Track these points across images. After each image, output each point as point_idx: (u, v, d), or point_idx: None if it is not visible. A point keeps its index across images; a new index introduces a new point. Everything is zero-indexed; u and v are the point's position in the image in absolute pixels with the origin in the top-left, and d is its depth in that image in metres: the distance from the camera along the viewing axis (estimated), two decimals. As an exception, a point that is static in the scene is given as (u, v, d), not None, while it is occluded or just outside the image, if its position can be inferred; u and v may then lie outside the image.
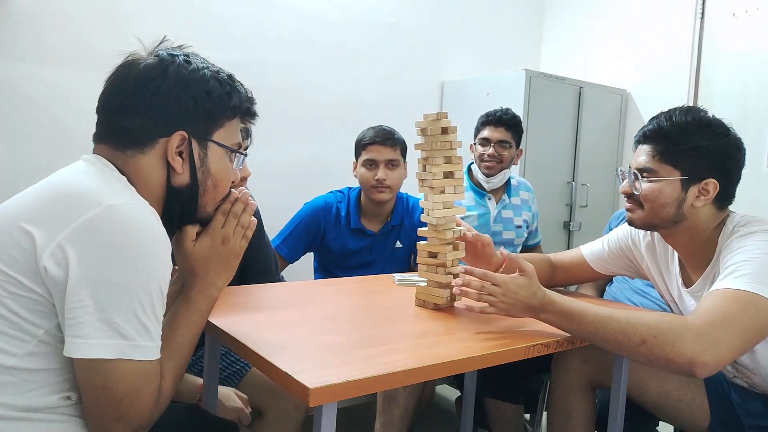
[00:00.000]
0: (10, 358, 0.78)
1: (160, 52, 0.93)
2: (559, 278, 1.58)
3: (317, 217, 2.04)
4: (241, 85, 0.99)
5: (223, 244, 0.99)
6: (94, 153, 0.92)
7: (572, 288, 2.94)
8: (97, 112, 0.92)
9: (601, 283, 2.10)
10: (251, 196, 1.04)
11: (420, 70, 3.28)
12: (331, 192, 2.12)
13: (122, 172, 0.89)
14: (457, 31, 3.40)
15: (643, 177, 1.28)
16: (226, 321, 1.10)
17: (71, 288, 0.75)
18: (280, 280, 1.83)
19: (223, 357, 1.56)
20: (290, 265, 2.09)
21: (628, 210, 1.34)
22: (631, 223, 1.35)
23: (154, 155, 0.90)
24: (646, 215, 1.29)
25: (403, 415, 1.67)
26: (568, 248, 3.15)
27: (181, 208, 0.95)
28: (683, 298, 1.35)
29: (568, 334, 1.12)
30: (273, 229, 2.09)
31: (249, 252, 1.70)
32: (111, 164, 0.89)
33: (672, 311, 1.43)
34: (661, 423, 1.66)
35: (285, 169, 2.78)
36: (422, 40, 3.27)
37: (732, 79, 2.93)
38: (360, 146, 2.05)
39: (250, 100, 1.00)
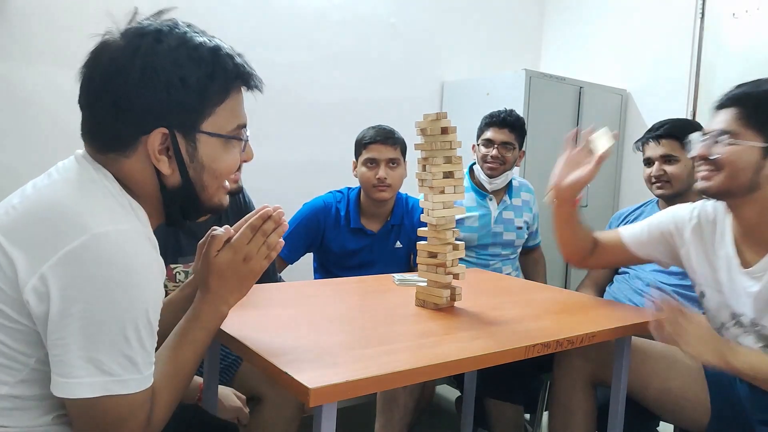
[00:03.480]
0: (2, 386, 0.75)
1: (130, 31, 0.80)
2: (597, 257, 1.56)
3: (317, 217, 2.04)
4: (231, 55, 0.85)
5: (244, 262, 0.93)
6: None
7: (572, 288, 2.93)
8: (79, 104, 0.83)
9: (601, 283, 2.10)
10: (280, 210, 0.98)
11: (420, 70, 3.28)
12: (330, 192, 2.12)
13: (116, 175, 0.82)
14: (457, 31, 3.40)
15: (723, 139, 1.24)
16: (226, 321, 1.09)
17: (52, 324, 0.71)
18: (279, 280, 1.83)
19: None
20: (290, 265, 2.09)
21: (703, 178, 1.29)
22: (704, 191, 1.30)
23: (139, 157, 0.81)
24: (724, 179, 1.24)
25: (403, 415, 1.66)
26: (568, 248, 3.15)
27: (182, 209, 0.87)
28: (736, 280, 1.31)
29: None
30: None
31: None
32: (102, 168, 0.81)
33: (705, 296, 1.40)
34: (661, 423, 1.66)
35: (285, 169, 2.78)
36: (422, 40, 3.27)
37: (732, 79, 2.92)
38: (360, 145, 2.05)
39: (243, 70, 0.86)
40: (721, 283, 1.34)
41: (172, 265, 1.49)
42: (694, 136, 1.33)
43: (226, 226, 0.98)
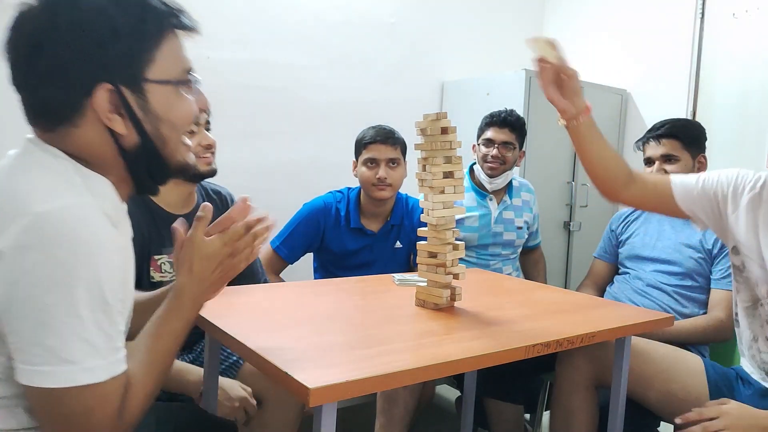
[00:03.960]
0: None
1: None
2: (633, 193, 1.45)
3: (316, 217, 2.05)
4: None
5: (229, 256, 0.90)
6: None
7: (572, 288, 2.93)
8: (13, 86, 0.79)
9: (601, 283, 2.10)
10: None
11: (420, 70, 3.28)
12: (330, 192, 2.12)
13: (71, 151, 0.78)
14: (457, 31, 3.40)
15: None
16: (226, 321, 1.10)
17: (3, 312, 0.69)
18: (265, 281, 1.83)
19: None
20: (290, 265, 2.09)
21: None
22: None
23: (90, 123, 0.77)
24: None
25: (403, 415, 1.67)
26: (568, 248, 3.15)
27: (147, 170, 0.83)
28: None
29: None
30: (273, 229, 2.08)
31: None
32: (50, 147, 0.77)
33: (745, 268, 1.36)
34: (662, 423, 1.66)
35: (285, 169, 2.78)
36: (422, 40, 3.26)
37: (732, 79, 2.93)
38: (360, 145, 2.05)
39: (173, 8, 0.81)
40: (765, 259, 1.30)
41: (156, 257, 1.49)
42: None
43: (208, 206, 0.92)
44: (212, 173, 1.58)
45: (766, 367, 1.35)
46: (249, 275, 1.74)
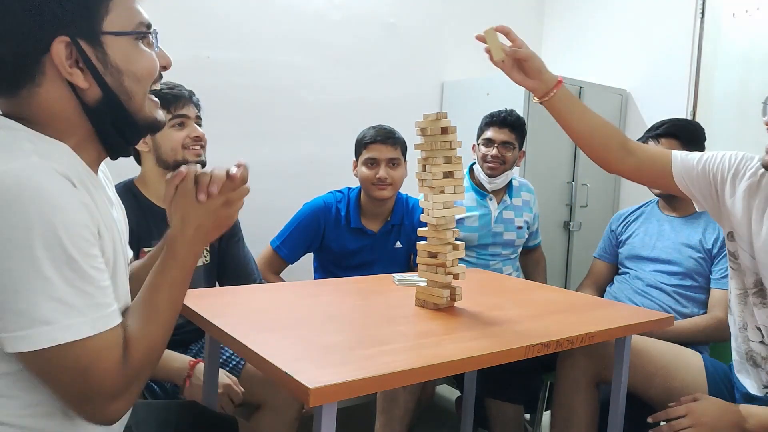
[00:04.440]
0: None
1: None
2: (629, 165, 1.40)
3: (317, 217, 2.05)
4: None
5: (224, 206, 0.89)
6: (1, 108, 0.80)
7: (572, 288, 2.93)
8: None
9: (601, 283, 2.10)
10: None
11: (420, 70, 3.28)
12: (330, 192, 2.13)
13: (34, 118, 0.78)
14: (457, 31, 3.40)
15: None
16: (225, 321, 1.10)
17: None
18: (260, 281, 1.84)
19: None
20: (290, 265, 2.09)
21: None
22: (766, 165, 1.20)
23: (51, 80, 0.77)
24: None
25: (403, 415, 1.67)
26: (569, 248, 3.15)
27: (114, 126, 0.83)
28: None
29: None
30: (273, 229, 2.09)
31: (225, 253, 1.73)
32: (6, 118, 0.77)
33: (738, 257, 1.33)
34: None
35: (285, 169, 2.78)
36: (422, 40, 3.26)
37: (732, 79, 2.93)
38: (361, 145, 2.05)
39: None
40: (755, 249, 1.28)
41: (146, 249, 1.50)
42: None
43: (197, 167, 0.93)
44: (202, 165, 1.60)
45: (752, 354, 1.34)
46: (243, 275, 1.75)
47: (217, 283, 1.76)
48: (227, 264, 1.75)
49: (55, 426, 0.78)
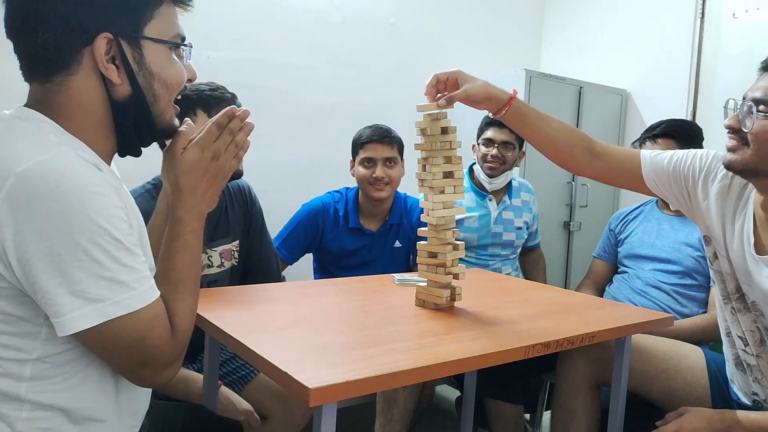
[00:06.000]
0: (31, 354, 0.76)
1: None
2: (597, 169, 1.38)
3: (315, 218, 2.05)
4: None
5: (212, 160, 0.90)
6: (29, 98, 0.84)
7: (572, 288, 2.93)
8: (9, 38, 0.82)
9: (601, 283, 2.10)
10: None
11: (420, 70, 3.27)
12: (328, 192, 2.13)
13: (57, 108, 0.81)
14: (457, 31, 3.40)
15: (759, 111, 1.10)
16: (226, 321, 1.10)
17: (20, 275, 0.72)
18: (282, 280, 1.83)
19: (229, 362, 1.57)
20: (290, 265, 2.09)
21: (729, 149, 1.16)
22: (729, 166, 1.16)
23: (85, 71, 0.81)
24: (751, 157, 1.11)
25: (403, 415, 1.67)
26: (568, 248, 3.15)
27: (134, 124, 0.86)
28: (748, 261, 1.20)
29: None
30: (273, 230, 2.08)
31: (250, 251, 1.71)
32: (30, 109, 0.81)
33: (717, 260, 1.30)
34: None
35: (285, 169, 2.78)
36: (422, 40, 3.26)
37: (732, 79, 2.93)
38: (357, 145, 2.05)
39: None
40: (729, 251, 1.26)
41: None
42: (731, 103, 1.19)
43: (189, 121, 0.95)
44: (238, 174, 1.61)
45: (740, 360, 1.33)
46: (263, 272, 1.73)
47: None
48: (251, 260, 1.72)
49: (96, 406, 0.82)
